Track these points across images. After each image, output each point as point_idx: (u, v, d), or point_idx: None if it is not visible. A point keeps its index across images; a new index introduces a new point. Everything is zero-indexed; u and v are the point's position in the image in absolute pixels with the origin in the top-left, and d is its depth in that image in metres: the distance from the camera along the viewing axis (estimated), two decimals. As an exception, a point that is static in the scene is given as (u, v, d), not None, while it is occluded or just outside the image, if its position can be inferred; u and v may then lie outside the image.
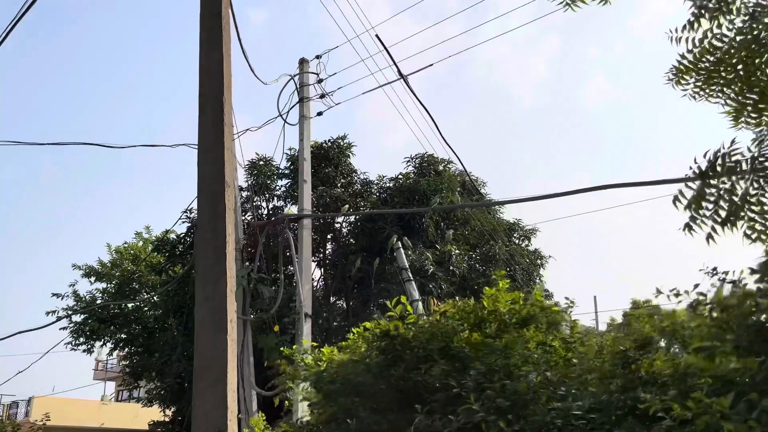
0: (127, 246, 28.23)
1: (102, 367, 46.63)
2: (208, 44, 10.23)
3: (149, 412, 25.97)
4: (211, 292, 8.98)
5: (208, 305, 8.94)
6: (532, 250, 25.02)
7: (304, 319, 14.38)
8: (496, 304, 6.18)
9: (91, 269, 26.86)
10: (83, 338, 24.95)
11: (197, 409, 8.66)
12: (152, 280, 25.68)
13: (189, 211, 22.05)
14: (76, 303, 25.46)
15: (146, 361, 23.76)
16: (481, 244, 23.00)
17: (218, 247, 9.14)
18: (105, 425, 33.01)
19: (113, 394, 45.77)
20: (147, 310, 25.63)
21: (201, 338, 8.89)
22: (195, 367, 8.86)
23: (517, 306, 6.16)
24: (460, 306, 6.14)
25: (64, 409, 30.21)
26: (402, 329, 5.59)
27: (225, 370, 8.59)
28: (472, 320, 6.12)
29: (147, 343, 24.50)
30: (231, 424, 8.41)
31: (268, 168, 22.15)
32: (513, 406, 4.46)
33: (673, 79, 7.65)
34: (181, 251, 22.96)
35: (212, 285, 9.03)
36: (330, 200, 21.16)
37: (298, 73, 17.44)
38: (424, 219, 21.55)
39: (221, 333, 8.76)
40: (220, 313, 8.83)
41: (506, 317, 6.10)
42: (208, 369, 8.68)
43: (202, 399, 8.62)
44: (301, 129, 16.33)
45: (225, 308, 8.84)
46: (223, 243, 9.15)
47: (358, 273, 20.84)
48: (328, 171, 22.31)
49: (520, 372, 4.82)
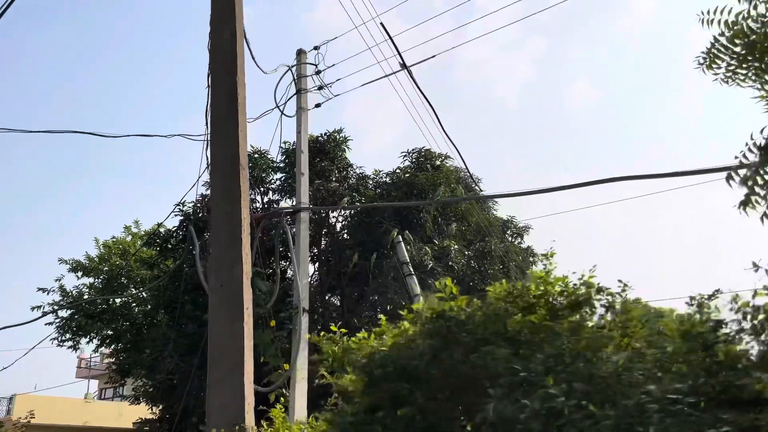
0: (116, 240, 27.59)
1: (85, 365, 45.78)
2: (219, 21, 9.80)
3: (134, 410, 25.35)
4: (226, 279, 8.58)
5: (223, 292, 8.54)
6: (524, 248, 24.74)
7: (301, 313, 13.93)
8: (546, 286, 5.81)
9: (78, 264, 26.20)
10: (69, 334, 24.30)
11: (212, 401, 8.25)
12: (142, 275, 25.07)
13: (182, 204, 21.52)
14: (62, 298, 24.82)
15: (135, 357, 23.16)
16: (476, 240, 22.68)
17: (233, 232, 8.75)
18: (88, 424, 32.31)
19: (96, 393, 44.94)
20: (135, 305, 25.01)
21: (215, 327, 8.48)
22: (210, 356, 8.44)
23: (569, 288, 5.79)
24: (505, 288, 5.76)
25: (47, 407, 29.51)
26: (456, 310, 5.20)
27: (242, 359, 8.21)
28: (521, 304, 5.75)
29: (135, 339, 23.89)
30: (248, 417, 8.00)
31: (263, 161, 21.67)
32: (595, 391, 4.09)
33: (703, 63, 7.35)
34: (173, 245, 22.40)
35: (227, 271, 8.64)
36: (326, 194, 20.68)
37: (295, 64, 16.98)
38: (422, 214, 21.04)
39: (237, 321, 8.37)
40: (236, 300, 8.44)
41: (557, 300, 5.74)
42: (224, 359, 8.27)
43: (218, 390, 8.22)
44: (298, 121, 15.83)
45: (241, 295, 8.45)
46: (238, 227, 8.75)
47: (354, 269, 20.29)
48: (324, 165, 21.85)
49: (597, 355, 4.45)
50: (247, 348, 8.30)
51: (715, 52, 7.38)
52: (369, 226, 20.69)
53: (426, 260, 19.42)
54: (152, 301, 22.99)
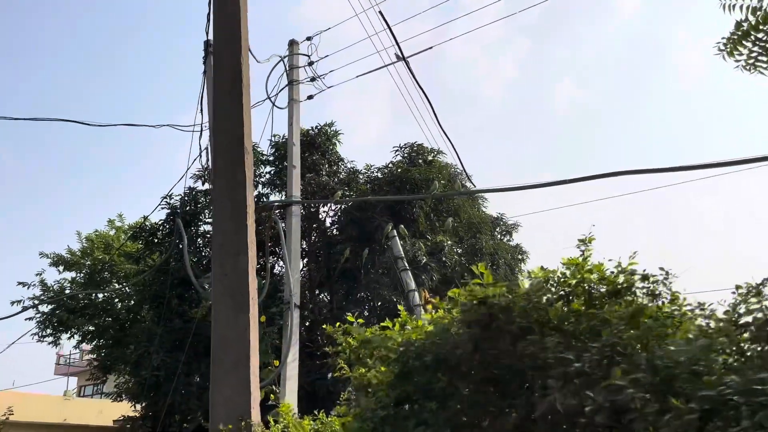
0: (99, 234, 26.94)
1: (64, 361, 44.90)
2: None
3: (114, 408, 24.72)
4: (231, 268, 8.16)
5: (228, 282, 8.12)
6: (513, 245, 24.47)
7: (293, 309, 13.48)
8: (584, 274, 5.46)
9: (60, 258, 25.54)
10: (50, 329, 23.66)
11: (216, 396, 7.83)
12: (126, 270, 24.46)
13: (169, 197, 20.99)
14: (43, 293, 24.15)
15: (118, 354, 22.55)
16: (467, 236, 22.38)
17: (238, 218, 8.32)
18: (68, 421, 31.59)
19: (76, 390, 44.09)
20: (119, 301, 24.40)
21: (219, 318, 8.06)
22: (213, 349, 8.02)
23: (609, 276, 5.45)
24: (543, 275, 5.41)
25: (25, 404, 28.79)
26: (498, 297, 4.83)
27: (248, 352, 7.81)
28: (558, 291, 5.40)
29: (118, 335, 23.28)
30: (254, 412, 7.60)
31: (253, 154, 21.36)
32: (664, 381, 3.75)
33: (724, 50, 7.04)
34: (159, 239, 21.84)
35: (232, 259, 8.22)
36: (317, 188, 20.39)
37: (287, 55, 16.52)
38: (415, 209, 20.76)
39: (242, 312, 7.95)
40: (241, 290, 8.03)
41: (596, 287, 5.39)
42: (229, 351, 7.86)
43: (222, 384, 7.80)
44: (290, 112, 15.46)
45: (246, 285, 8.03)
46: (243, 213, 8.33)
47: (345, 264, 19.93)
48: (314, 158, 21.52)
49: (660, 343, 4.11)
50: (253, 340, 7.90)
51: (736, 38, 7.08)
52: (360, 221, 20.32)
53: (419, 256, 19.12)
54: (137, 296, 22.40)
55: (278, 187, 21.41)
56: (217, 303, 8.13)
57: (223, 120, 8.78)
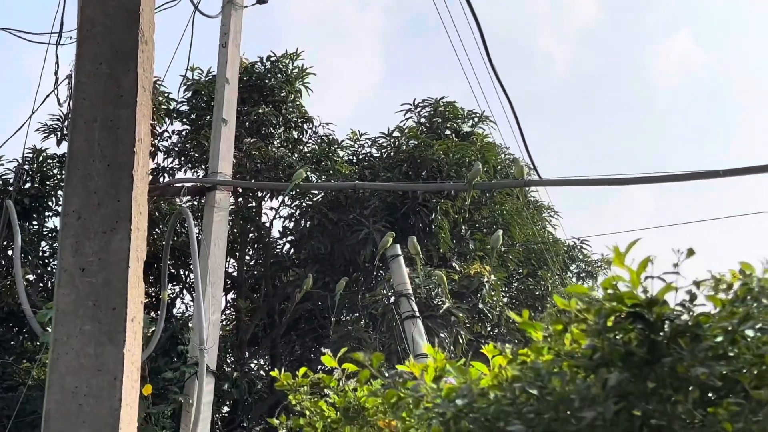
0: None
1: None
2: None
3: None
4: (96, 256, 4.33)
5: (85, 283, 4.27)
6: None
7: (204, 374, 8.30)
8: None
9: None
10: None
11: None
12: None
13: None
14: None
15: None
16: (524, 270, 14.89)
17: (116, 162, 4.50)
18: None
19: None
20: None
21: (63, 355, 4.16)
22: (45, 417, 4.09)
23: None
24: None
25: None
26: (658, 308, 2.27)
27: (117, 425, 4.01)
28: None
29: None
30: None
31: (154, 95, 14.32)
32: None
33: None
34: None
35: (98, 241, 4.40)
36: (262, 164, 13.36)
37: None
38: (435, 214, 12.80)
39: (112, 344, 4.16)
40: (112, 299, 4.23)
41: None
42: (77, 422, 3.97)
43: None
44: (225, 25, 10.10)
45: (124, 289, 4.26)
46: (128, 156, 4.58)
47: (304, 303, 12.63)
48: (261, 112, 13.58)
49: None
50: (128, 402, 4.04)
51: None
52: (336, 228, 12.98)
53: (439, 295, 11.67)
54: None
55: (193, 159, 14.07)
56: (61, 326, 4.21)
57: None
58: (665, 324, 2.17)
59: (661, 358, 2.11)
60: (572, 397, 2.20)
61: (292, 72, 14.17)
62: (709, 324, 2.16)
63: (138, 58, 4.60)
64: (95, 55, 4.71)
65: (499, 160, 14.42)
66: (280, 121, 14.00)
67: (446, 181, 12.73)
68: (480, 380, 2.95)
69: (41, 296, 11.59)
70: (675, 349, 2.12)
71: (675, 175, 7.29)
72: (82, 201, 4.48)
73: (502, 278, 13.54)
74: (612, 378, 2.13)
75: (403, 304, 9.06)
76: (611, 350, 2.19)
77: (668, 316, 2.17)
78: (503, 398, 2.45)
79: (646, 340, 2.16)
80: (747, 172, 6.80)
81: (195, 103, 14.05)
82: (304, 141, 14.61)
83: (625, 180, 7.77)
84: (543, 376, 2.35)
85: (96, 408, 3.98)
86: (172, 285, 13.97)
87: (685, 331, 2.15)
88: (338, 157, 14.00)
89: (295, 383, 4.32)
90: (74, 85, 4.87)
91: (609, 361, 2.19)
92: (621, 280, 2.23)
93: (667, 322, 2.17)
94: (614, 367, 2.18)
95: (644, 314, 2.16)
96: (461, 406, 2.55)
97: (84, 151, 4.52)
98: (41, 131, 13.35)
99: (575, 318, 2.42)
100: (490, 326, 12.94)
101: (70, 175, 4.56)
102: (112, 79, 4.65)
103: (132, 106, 4.57)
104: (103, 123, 4.55)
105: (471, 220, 14.34)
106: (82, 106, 4.66)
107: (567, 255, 16.35)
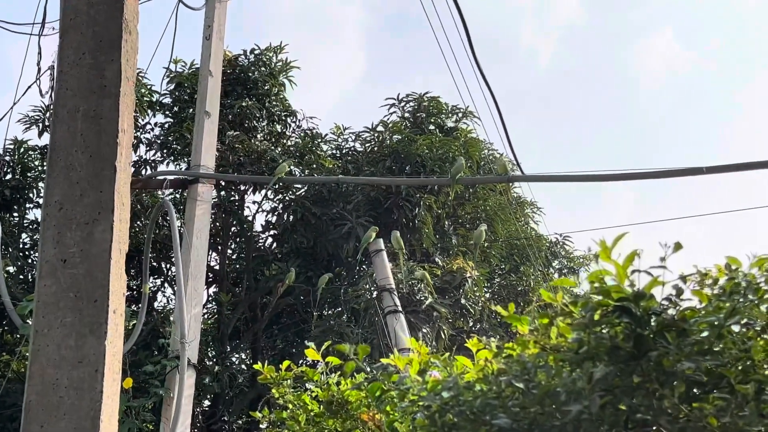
0: None
1: None
2: None
3: None
4: (78, 248, 4.26)
5: (67, 274, 4.20)
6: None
7: (185, 368, 8.32)
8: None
9: None
10: None
11: None
12: None
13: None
14: None
15: None
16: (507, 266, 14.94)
17: (100, 154, 4.44)
18: None
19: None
20: None
21: (43, 344, 4.09)
22: (25, 409, 4.03)
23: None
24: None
25: None
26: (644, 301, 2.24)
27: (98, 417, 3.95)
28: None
29: None
30: None
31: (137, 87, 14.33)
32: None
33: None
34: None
35: (80, 232, 4.33)
36: (246, 157, 13.49)
37: None
38: (418, 209, 12.99)
39: (94, 335, 4.10)
40: (94, 291, 4.16)
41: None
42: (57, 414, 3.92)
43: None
44: (209, 18, 9.96)
45: (106, 280, 4.20)
46: (111, 146, 4.51)
47: (286, 298, 12.78)
48: (245, 105, 13.58)
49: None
50: (109, 397, 3.99)
51: None
52: (318, 223, 13.07)
53: (422, 291, 11.78)
54: None
55: (175, 152, 14.00)
56: (45, 317, 4.15)
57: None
58: (652, 318, 2.16)
59: (648, 353, 2.11)
60: (558, 391, 2.20)
61: (275, 65, 14.23)
62: (695, 318, 2.15)
63: (122, 48, 4.54)
64: (78, 44, 4.64)
65: (482, 156, 14.54)
66: (264, 115, 14.05)
67: (430, 176, 12.79)
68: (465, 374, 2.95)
69: (21, 288, 11.48)
70: (661, 343, 2.11)
71: (658, 172, 7.29)
72: (64, 192, 4.42)
73: (484, 274, 13.61)
74: (598, 372, 2.12)
75: (385, 298, 9.03)
76: (597, 344, 2.18)
77: (655, 311, 2.16)
78: (489, 391, 2.45)
79: (632, 334, 2.15)
80: (730, 169, 6.82)
81: (178, 96, 14.03)
82: (287, 135, 14.66)
83: (608, 176, 7.83)
84: (529, 369, 2.35)
85: (77, 400, 3.93)
86: (154, 278, 13.92)
87: (672, 325, 2.14)
88: (322, 151, 14.12)
89: (278, 376, 4.30)
90: (57, 75, 4.78)
91: (595, 355, 2.19)
92: (607, 274, 2.22)
93: (654, 317, 2.16)
94: (600, 361, 2.18)
95: (631, 308, 2.15)
96: (447, 398, 2.55)
97: (66, 141, 4.46)
98: (23, 122, 13.34)
99: (561, 312, 2.41)
100: (472, 321, 12.97)
101: (52, 166, 4.50)
102: (95, 69, 4.58)
103: (115, 96, 4.51)
104: (86, 113, 4.48)
105: (454, 216, 14.48)
106: (64, 96, 4.59)
107: (549, 251, 16.46)
